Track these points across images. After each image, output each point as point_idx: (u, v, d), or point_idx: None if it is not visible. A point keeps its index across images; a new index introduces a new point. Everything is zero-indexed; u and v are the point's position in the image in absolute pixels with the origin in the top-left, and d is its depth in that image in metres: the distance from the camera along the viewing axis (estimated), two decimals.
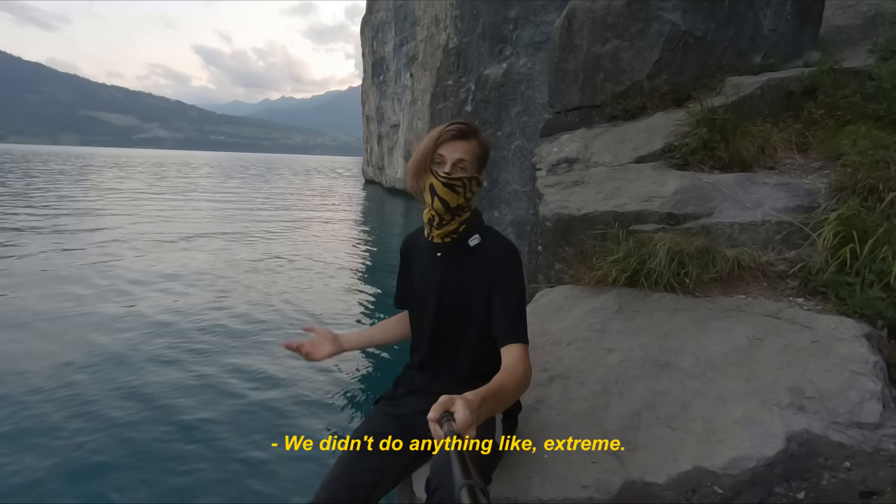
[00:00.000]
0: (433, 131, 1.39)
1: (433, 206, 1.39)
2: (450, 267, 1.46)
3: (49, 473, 3.43)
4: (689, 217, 2.59)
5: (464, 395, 0.95)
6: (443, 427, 0.87)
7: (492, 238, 1.47)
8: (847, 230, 2.14)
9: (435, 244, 1.46)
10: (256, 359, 5.42)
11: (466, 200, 1.42)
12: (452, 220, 1.42)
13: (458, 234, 1.44)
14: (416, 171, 1.40)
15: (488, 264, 1.42)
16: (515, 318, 1.38)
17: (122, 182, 29.15)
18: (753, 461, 1.45)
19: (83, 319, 6.34)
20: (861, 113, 2.94)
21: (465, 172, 1.38)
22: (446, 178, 1.36)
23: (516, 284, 1.42)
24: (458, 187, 1.37)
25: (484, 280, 1.42)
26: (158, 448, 3.76)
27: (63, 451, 3.66)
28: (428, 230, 1.46)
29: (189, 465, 3.57)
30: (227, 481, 3.43)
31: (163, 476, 3.46)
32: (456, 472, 0.72)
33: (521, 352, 1.33)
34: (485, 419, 1.06)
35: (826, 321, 1.95)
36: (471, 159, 1.39)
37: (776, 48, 3.94)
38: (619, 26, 3.85)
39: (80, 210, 16.03)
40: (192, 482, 3.41)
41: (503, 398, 1.18)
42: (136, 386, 4.68)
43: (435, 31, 23.19)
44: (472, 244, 1.45)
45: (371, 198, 28.14)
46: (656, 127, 3.48)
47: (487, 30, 9.62)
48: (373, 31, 33.45)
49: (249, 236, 12.91)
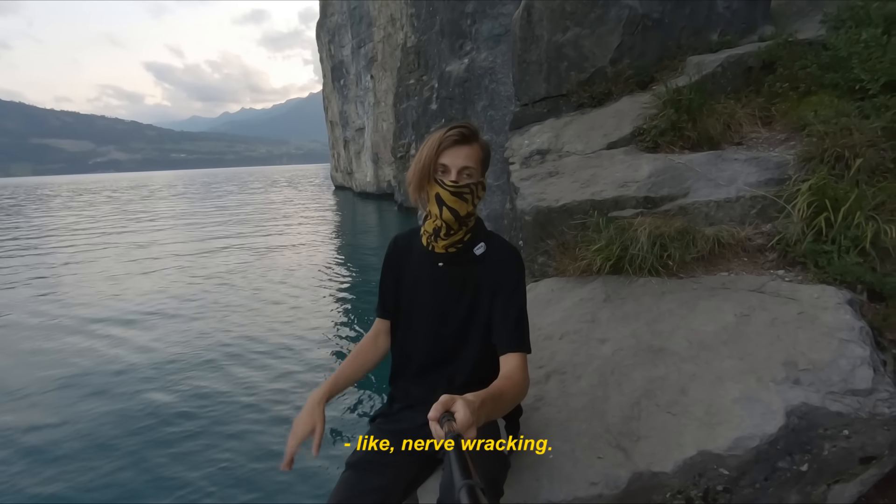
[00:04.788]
0: (432, 138, 1.32)
1: (442, 216, 1.32)
2: (453, 276, 1.40)
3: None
4: (666, 199, 2.60)
5: (464, 396, 0.93)
6: (443, 427, 0.85)
7: (496, 245, 1.42)
8: (820, 199, 2.18)
9: (437, 254, 1.40)
10: (219, 381, 5.26)
11: (474, 207, 1.37)
12: (460, 228, 1.36)
13: (464, 244, 1.39)
14: (418, 181, 1.32)
15: (492, 272, 1.38)
16: (516, 327, 1.34)
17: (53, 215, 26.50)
18: (757, 439, 1.45)
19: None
20: (819, 83, 3.01)
21: (471, 178, 1.32)
22: (454, 186, 1.30)
23: (519, 292, 1.38)
24: (466, 195, 1.32)
25: (489, 288, 1.37)
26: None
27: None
28: (429, 240, 1.40)
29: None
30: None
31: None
32: (456, 472, 0.70)
33: (520, 360, 1.29)
34: (484, 422, 1.03)
35: (809, 291, 1.98)
36: (475, 164, 1.33)
37: (731, 25, 4.01)
38: (578, 14, 3.85)
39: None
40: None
41: (502, 403, 1.15)
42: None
43: (392, 31, 23.03)
44: (478, 252, 1.40)
45: (342, 205, 27.71)
46: (624, 112, 3.50)
47: (445, 26, 9.59)
48: (329, 34, 33.01)
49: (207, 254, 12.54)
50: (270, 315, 7.50)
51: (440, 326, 1.42)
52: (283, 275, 10.09)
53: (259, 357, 5.90)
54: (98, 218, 23.34)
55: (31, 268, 11.59)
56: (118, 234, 17.32)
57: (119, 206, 30.57)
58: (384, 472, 1.35)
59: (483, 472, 1.14)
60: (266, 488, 3.54)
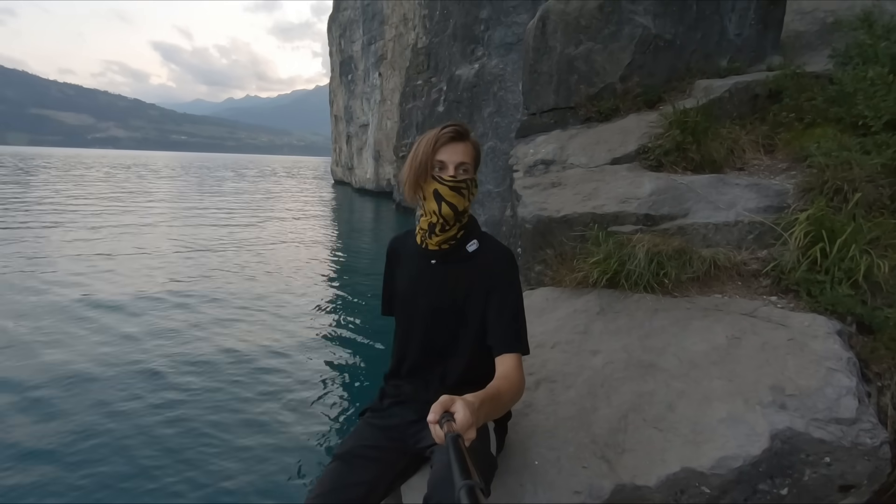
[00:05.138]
0: (427, 136, 1.35)
1: (441, 212, 1.35)
2: (445, 274, 1.42)
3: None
4: (666, 218, 2.63)
5: (464, 397, 0.94)
6: (442, 427, 0.86)
7: (489, 244, 1.45)
8: (816, 230, 2.21)
9: (430, 251, 1.42)
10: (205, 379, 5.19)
11: (469, 203, 1.40)
12: (455, 224, 1.39)
13: (457, 241, 1.41)
14: (414, 179, 1.35)
15: (485, 270, 1.40)
16: (511, 327, 1.36)
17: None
18: (740, 460, 1.47)
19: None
20: (823, 115, 3.05)
21: (467, 174, 1.36)
22: (453, 181, 1.33)
23: (513, 292, 1.39)
24: (463, 189, 1.35)
25: (481, 286, 1.39)
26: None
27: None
28: (423, 237, 1.42)
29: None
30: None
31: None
32: (456, 473, 0.71)
33: (515, 361, 1.31)
34: (482, 423, 1.04)
35: (800, 319, 2.01)
36: (470, 161, 1.37)
37: (741, 52, 4.06)
38: (592, 29, 3.89)
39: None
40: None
41: (499, 404, 1.16)
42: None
43: (403, 31, 23.11)
44: (471, 250, 1.42)
45: (341, 201, 27.62)
46: (629, 129, 3.53)
47: (458, 30, 9.63)
48: (340, 29, 33.06)
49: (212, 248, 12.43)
50: (255, 315, 7.32)
51: (433, 325, 1.44)
52: (281, 269, 10.03)
53: (241, 358, 5.77)
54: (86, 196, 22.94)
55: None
56: (115, 214, 17.14)
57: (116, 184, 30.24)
58: (371, 466, 1.36)
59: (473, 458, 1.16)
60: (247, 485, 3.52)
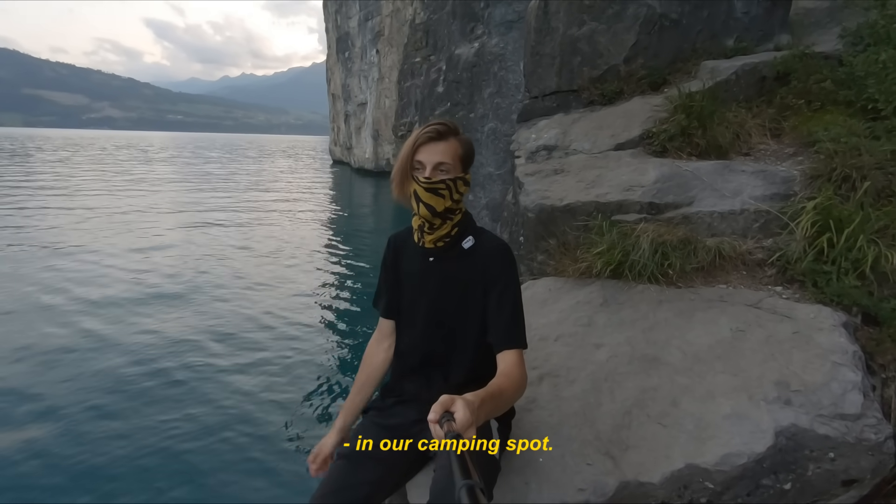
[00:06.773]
0: (411, 136, 1.34)
1: (419, 212, 1.35)
2: (443, 271, 1.41)
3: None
4: (671, 206, 2.60)
5: (464, 396, 0.93)
6: (443, 427, 0.85)
7: (486, 239, 1.44)
8: (824, 219, 2.18)
9: (427, 249, 1.42)
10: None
11: (454, 202, 1.38)
12: (444, 223, 1.38)
13: (451, 238, 1.41)
14: (399, 179, 1.36)
15: (483, 266, 1.39)
16: (511, 323, 1.35)
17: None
18: (745, 457, 1.48)
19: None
20: (833, 99, 2.99)
21: (447, 174, 1.34)
22: (427, 182, 1.32)
23: (511, 287, 1.38)
24: (441, 190, 1.33)
25: (479, 283, 1.39)
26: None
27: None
28: (418, 236, 1.42)
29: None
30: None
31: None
32: (456, 473, 0.70)
33: (517, 357, 1.31)
34: (483, 421, 1.03)
35: (805, 310, 2.00)
36: (452, 160, 1.34)
37: (748, 31, 3.96)
38: (595, 9, 3.78)
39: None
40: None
41: (501, 402, 1.16)
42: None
43: (401, 6, 22.55)
44: (467, 246, 1.42)
45: (340, 182, 27.29)
46: (634, 112, 3.46)
47: (458, 7, 9.40)
48: (336, 4, 32.26)
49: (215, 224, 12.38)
50: (255, 296, 7.23)
51: (433, 322, 1.44)
52: (277, 251, 9.99)
53: (241, 338, 5.71)
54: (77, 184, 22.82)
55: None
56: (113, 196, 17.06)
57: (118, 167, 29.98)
58: (375, 465, 1.36)
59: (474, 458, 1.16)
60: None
